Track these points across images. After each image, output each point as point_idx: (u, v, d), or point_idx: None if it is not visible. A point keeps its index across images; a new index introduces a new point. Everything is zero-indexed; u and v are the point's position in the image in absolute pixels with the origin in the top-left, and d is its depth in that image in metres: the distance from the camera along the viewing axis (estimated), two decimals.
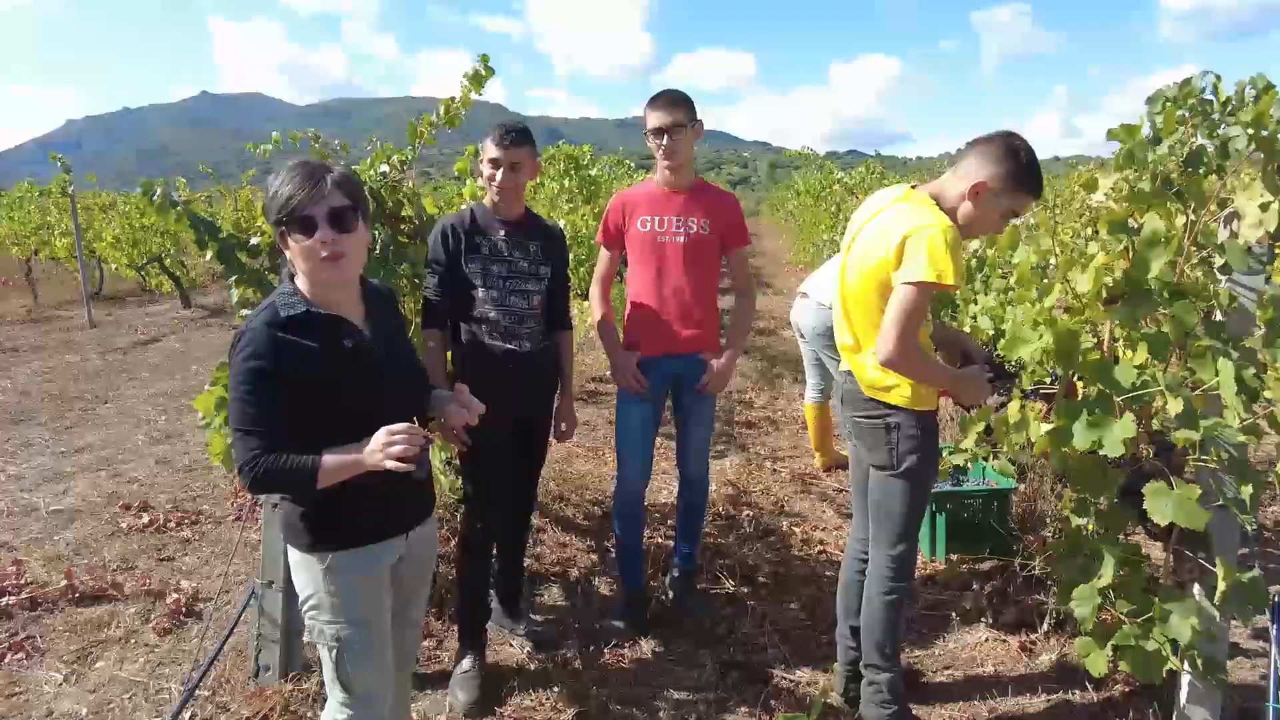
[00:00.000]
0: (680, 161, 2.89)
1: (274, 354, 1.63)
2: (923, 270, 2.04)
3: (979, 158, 2.19)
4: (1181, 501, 1.94)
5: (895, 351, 2.11)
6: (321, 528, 1.77)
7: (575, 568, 3.69)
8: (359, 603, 1.80)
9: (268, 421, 1.63)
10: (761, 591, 3.46)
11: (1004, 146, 2.17)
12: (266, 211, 1.71)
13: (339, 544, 1.78)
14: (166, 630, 3.19)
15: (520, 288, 2.75)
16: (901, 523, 2.35)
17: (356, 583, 1.80)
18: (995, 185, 2.17)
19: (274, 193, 1.67)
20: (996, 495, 3.58)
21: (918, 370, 2.20)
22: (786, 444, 5.48)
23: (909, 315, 2.09)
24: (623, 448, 3.10)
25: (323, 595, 1.78)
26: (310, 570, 1.78)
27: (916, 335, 2.13)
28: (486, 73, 3.25)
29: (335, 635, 1.79)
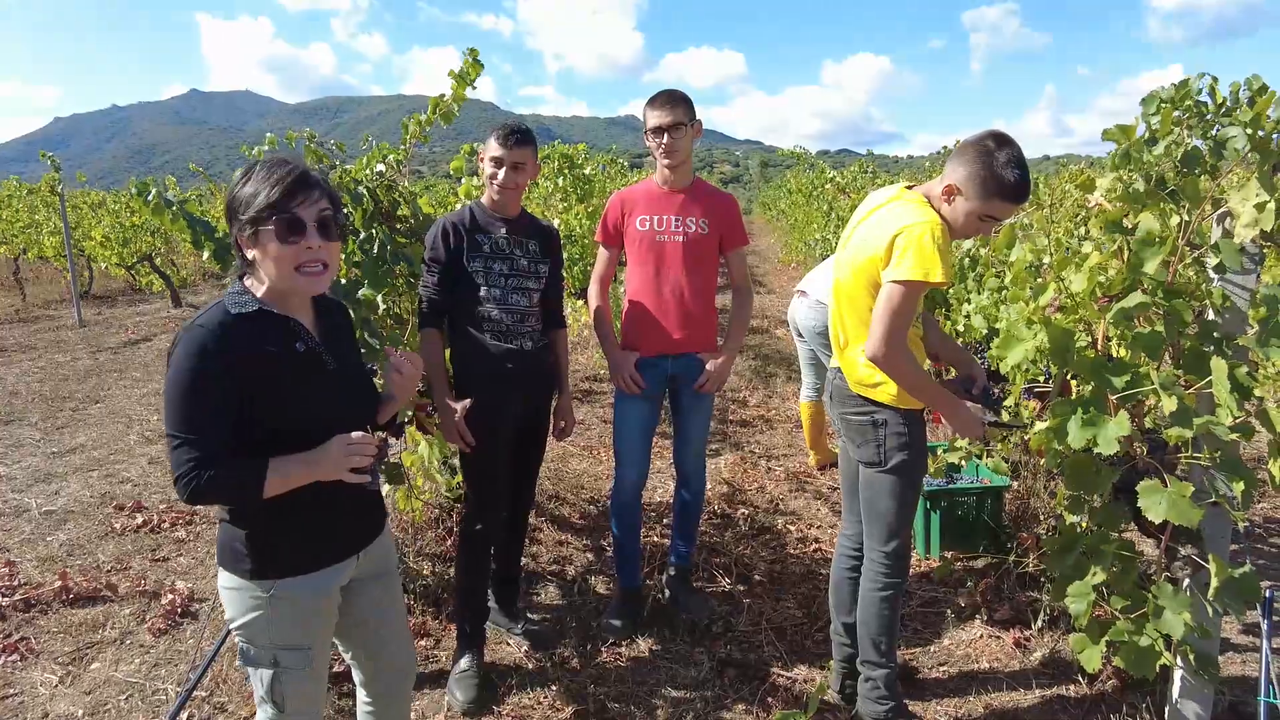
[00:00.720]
0: (680, 160, 2.90)
1: (220, 354, 1.52)
2: (910, 269, 2.05)
3: (957, 158, 2.17)
4: (1175, 499, 1.96)
5: (880, 348, 2.10)
6: (267, 553, 1.65)
7: (572, 566, 3.70)
8: (302, 628, 1.70)
9: (209, 428, 1.52)
10: (757, 589, 3.48)
11: (977, 149, 2.12)
12: (236, 208, 1.59)
13: (285, 571, 1.66)
14: (162, 631, 3.18)
15: (521, 286, 2.76)
16: (893, 519, 2.36)
17: (302, 609, 1.69)
18: (965, 188, 2.14)
19: (251, 190, 1.57)
20: (990, 493, 3.61)
21: (901, 370, 2.16)
22: (781, 442, 5.50)
23: (896, 313, 2.09)
24: (620, 447, 3.10)
25: (262, 622, 1.66)
26: (249, 596, 1.66)
27: (904, 334, 2.12)
28: (475, 69, 3.22)
29: (273, 659, 1.68)
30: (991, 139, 2.13)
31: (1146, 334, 2.20)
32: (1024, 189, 2.13)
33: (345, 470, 1.58)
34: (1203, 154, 2.09)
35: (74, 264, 10.75)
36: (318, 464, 1.58)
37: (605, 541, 3.90)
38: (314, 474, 1.59)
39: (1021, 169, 2.12)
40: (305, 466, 1.58)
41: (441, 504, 4.06)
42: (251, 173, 1.60)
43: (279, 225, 1.56)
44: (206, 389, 1.52)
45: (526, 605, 3.35)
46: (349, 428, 1.62)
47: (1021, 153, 2.14)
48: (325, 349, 1.71)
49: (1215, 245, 2.08)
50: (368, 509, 1.82)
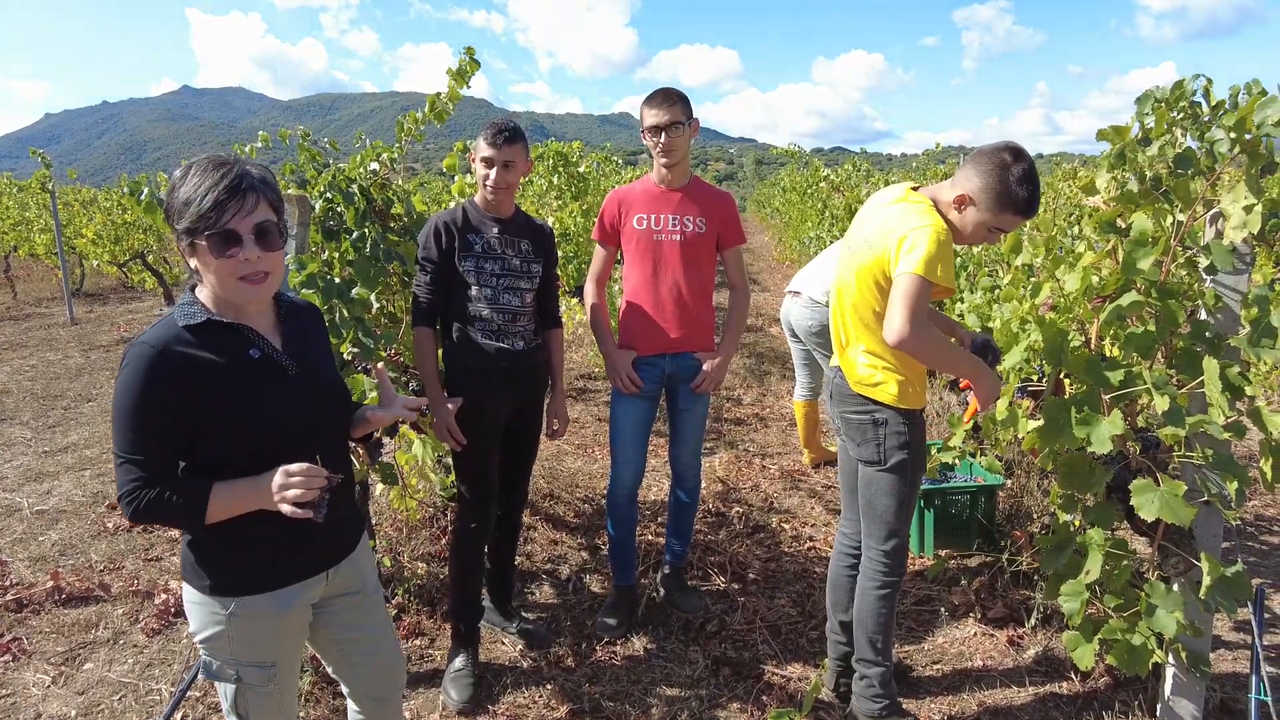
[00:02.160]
0: (678, 159, 2.90)
1: (166, 371, 1.46)
2: (919, 264, 2.05)
3: (972, 167, 2.16)
4: (1168, 498, 1.97)
5: (905, 331, 2.02)
6: (224, 571, 1.59)
7: (566, 565, 3.70)
8: (264, 646, 1.65)
9: (154, 447, 1.47)
10: (751, 588, 3.49)
11: (994, 161, 2.12)
12: (170, 214, 1.50)
13: (246, 589, 1.60)
14: (155, 631, 3.17)
15: (513, 285, 2.75)
16: (892, 518, 2.37)
17: (264, 627, 1.64)
18: (978, 199, 2.15)
19: (185, 197, 1.47)
20: (984, 491, 3.62)
21: (932, 349, 2.09)
22: (775, 441, 5.51)
23: (913, 298, 2.03)
24: (616, 446, 3.11)
25: (223, 638, 1.61)
26: (209, 611, 1.60)
27: (924, 316, 2.06)
28: (472, 67, 3.21)
29: (235, 675, 1.64)
30: (1008, 152, 2.12)
31: (1139, 333, 2.22)
32: (1035, 205, 2.14)
33: (284, 505, 1.48)
34: (1196, 155, 2.10)
35: (65, 261, 10.69)
36: (253, 493, 1.51)
37: (599, 540, 3.90)
38: (256, 502, 1.52)
39: (1034, 185, 2.12)
40: (249, 493, 1.51)
41: (435, 503, 4.06)
42: (186, 175, 1.50)
43: (212, 241, 1.47)
44: (150, 408, 1.46)
45: (521, 604, 3.35)
46: (311, 441, 1.57)
47: (1035, 168, 2.14)
48: (287, 354, 1.63)
49: (1207, 246, 2.09)
50: (339, 526, 1.74)
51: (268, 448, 1.54)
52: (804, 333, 4.40)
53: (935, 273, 2.06)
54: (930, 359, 2.15)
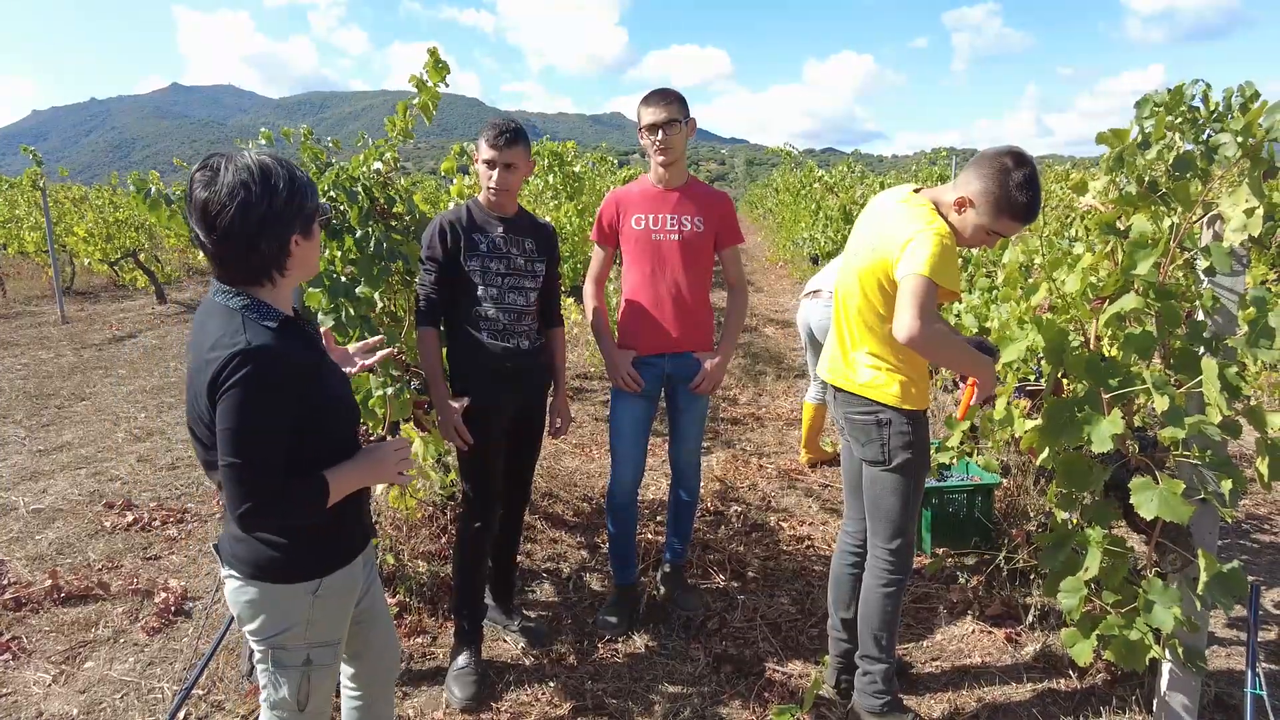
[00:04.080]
0: (674, 157, 2.92)
1: (281, 372, 1.48)
2: (924, 264, 2.06)
3: (973, 169, 2.18)
4: (1167, 496, 2.00)
5: (915, 327, 2.00)
6: (317, 554, 1.63)
7: (566, 564, 3.72)
8: (338, 621, 1.70)
9: (277, 452, 1.48)
10: (751, 586, 3.51)
11: (995, 165, 2.13)
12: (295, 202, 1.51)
13: (331, 566, 1.65)
14: (156, 629, 3.16)
15: (518, 285, 2.77)
16: (898, 517, 2.40)
17: (341, 602, 1.69)
18: (977, 202, 2.16)
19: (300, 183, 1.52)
20: (981, 490, 3.66)
21: (943, 345, 2.07)
22: (772, 440, 5.53)
23: (921, 296, 2.03)
24: (616, 445, 3.12)
25: (300, 624, 1.63)
26: (290, 601, 1.62)
27: (934, 313, 2.05)
28: (436, 74, 3.06)
29: (305, 658, 1.66)
30: (1010, 157, 2.13)
31: (1138, 334, 2.25)
32: (1034, 211, 2.15)
33: (397, 474, 1.64)
34: (1195, 158, 2.13)
35: (55, 259, 10.63)
36: (371, 470, 1.63)
37: (599, 539, 3.92)
38: (368, 480, 1.64)
39: (1035, 191, 2.13)
40: (359, 474, 1.61)
41: (435, 501, 4.07)
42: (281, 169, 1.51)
43: (319, 224, 1.59)
44: (275, 412, 1.47)
45: (522, 602, 3.36)
46: (357, 423, 1.66)
47: (1036, 174, 2.15)
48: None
49: (1206, 248, 2.12)
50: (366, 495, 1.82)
51: (349, 434, 1.63)
52: (824, 333, 4.41)
53: (941, 274, 2.08)
54: (942, 356, 2.17)
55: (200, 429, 1.54)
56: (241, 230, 1.45)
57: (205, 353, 1.45)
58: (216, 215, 1.44)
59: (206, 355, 1.45)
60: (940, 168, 13.26)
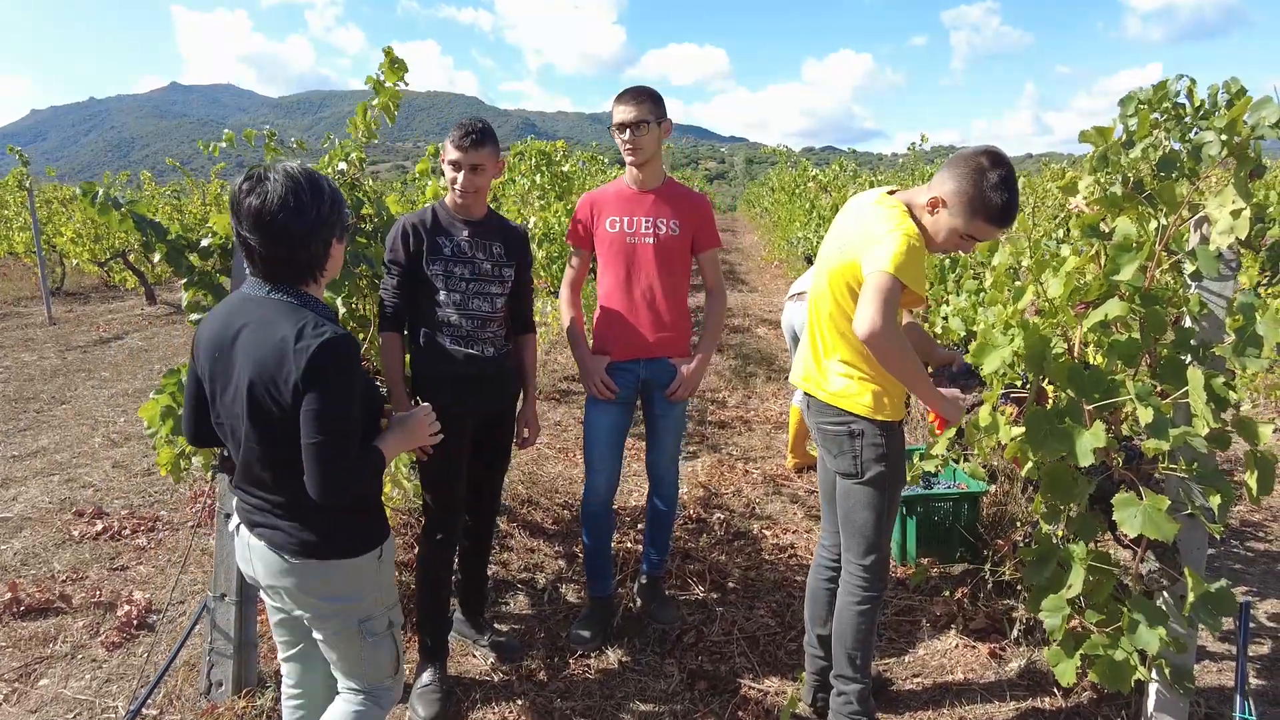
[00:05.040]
0: (645, 158, 2.83)
1: (359, 357, 1.70)
2: (888, 261, 1.97)
3: (948, 170, 2.08)
4: (1150, 513, 1.91)
5: (876, 322, 1.92)
6: (378, 519, 1.84)
7: (542, 574, 3.62)
8: (392, 580, 1.91)
9: (357, 427, 1.70)
10: (731, 597, 3.42)
11: (970, 165, 2.03)
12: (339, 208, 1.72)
13: (386, 530, 1.86)
14: (116, 645, 3.07)
15: (484, 290, 2.67)
16: (871, 532, 2.30)
17: (391, 561, 1.89)
18: (950, 203, 2.06)
19: (338, 192, 1.72)
20: (967, 498, 3.56)
21: (898, 354, 2.00)
22: (759, 444, 5.44)
23: (885, 292, 1.94)
24: (591, 453, 3.03)
25: (375, 589, 1.83)
26: (363, 571, 1.79)
27: (895, 314, 1.98)
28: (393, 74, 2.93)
29: (390, 619, 1.88)
30: (986, 157, 2.03)
31: (1124, 341, 2.16)
32: (1010, 215, 2.05)
33: (429, 437, 1.87)
34: (1180, 157, 2.03)
35: (43, 260, 10.53)
36: (408, 436, 1.83)
37: (578, 548, 3.83)
38: (406, 445, 1.84)
39: (1011, 193, 2.03)
40: (399, 440, 1.81)
41: (411, 509, 3.98)
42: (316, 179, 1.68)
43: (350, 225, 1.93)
44: (353, 394, 1.66)
45: (494, 615, 3.28)
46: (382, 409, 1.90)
47: (1014, 175, 2.05)
48: None
49: (1192, 252, 2.03)
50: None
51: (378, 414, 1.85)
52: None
53: (906, 273, 1.99)
54: (894, 365, 2.07)
55: (265, 421, 1.64)
56: (296, 233, 1.63)
57: (290, 342, 1.59)
58: (269, 220, 1.61)
59: (294, 346, 1.58)
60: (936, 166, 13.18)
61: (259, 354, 1.63)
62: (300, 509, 1.73)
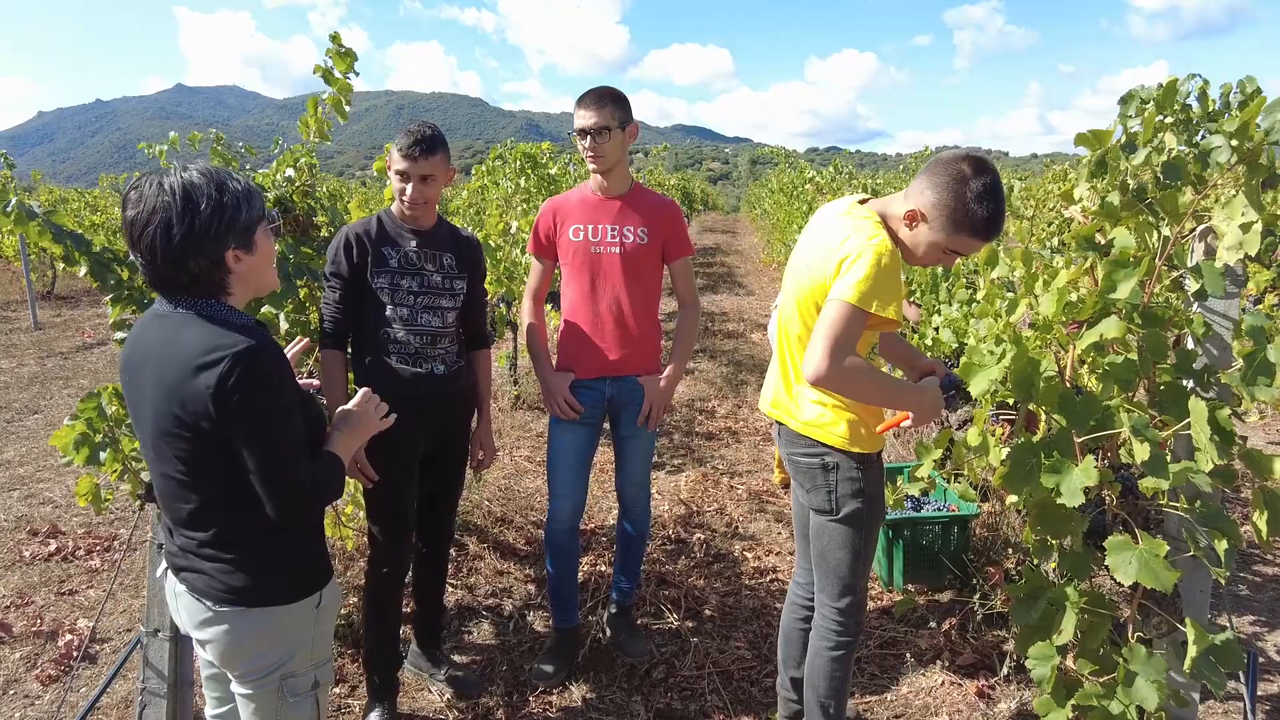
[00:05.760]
0: (608, 165, 2.64)
1: (283, 364, 1.53)
2: (851, 290, 1.79)
3: (926, 178, 1.88)
4: (1147, 559, 1.72)
5: (822, 366, 1.76)
6: (312, 564, 1.65)
7: (510, 600, 3.44)
8: (330, 633, 1.73)
9: (302, 439, 1.54)
10: (707, 626, 3.23)
11: (950, 174, 1.83)
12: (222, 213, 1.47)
13: (328, 574, 1.67)
14: (52, 678, 2.90)
15: (433, 304, 2.49)
16: (846, 572, 2.11)
17: (334, 611, 1.71)
18: (930, 216, 1.86)
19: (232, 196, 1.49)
20: (957, 521, 3.37)
21: (854, 385, 1.83)
22: (746, 457, 5.25)
23: (839, 327, 1.77)
24: (554, 477, 2.84)
25: (308, 641, 1.64)
26: (297, 621, 1.61)
27: (848, 351, 1.80)
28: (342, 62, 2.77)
29: (315, 679, 1.67)
30: (968, 164, 1.83)
31: (1120, 363, 1.97)
32: (995, 227, 1.85)
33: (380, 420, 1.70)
34: (1185, 163, 1.84)
35: (28, 264, 10.39)
36: (358, 428, 1.67)
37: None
38: (359, 437, 1.69)
39: (995, 203, 1.83)
40: (351, 436, 1.66)
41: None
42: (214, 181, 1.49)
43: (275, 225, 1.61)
44: (289, 404, 1.50)
45: (456, 645, 3.10)
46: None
47: (998, 182, 1.84)
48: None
49: (1197, 267, 1.84)
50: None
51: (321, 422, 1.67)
52: None
53: (871, 302, 1.79)
54: (858, 395, 1.89)
55: (181, 446, 1.48)
56: (164, 251, 1.44)
57: (195, 359, 1.43)
58: (139, 237, 1.45)
59: (199, 361, 1.42)
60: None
61: (164, 378, 1.47)
62: (225, 548, 1.55)
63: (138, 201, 1.45)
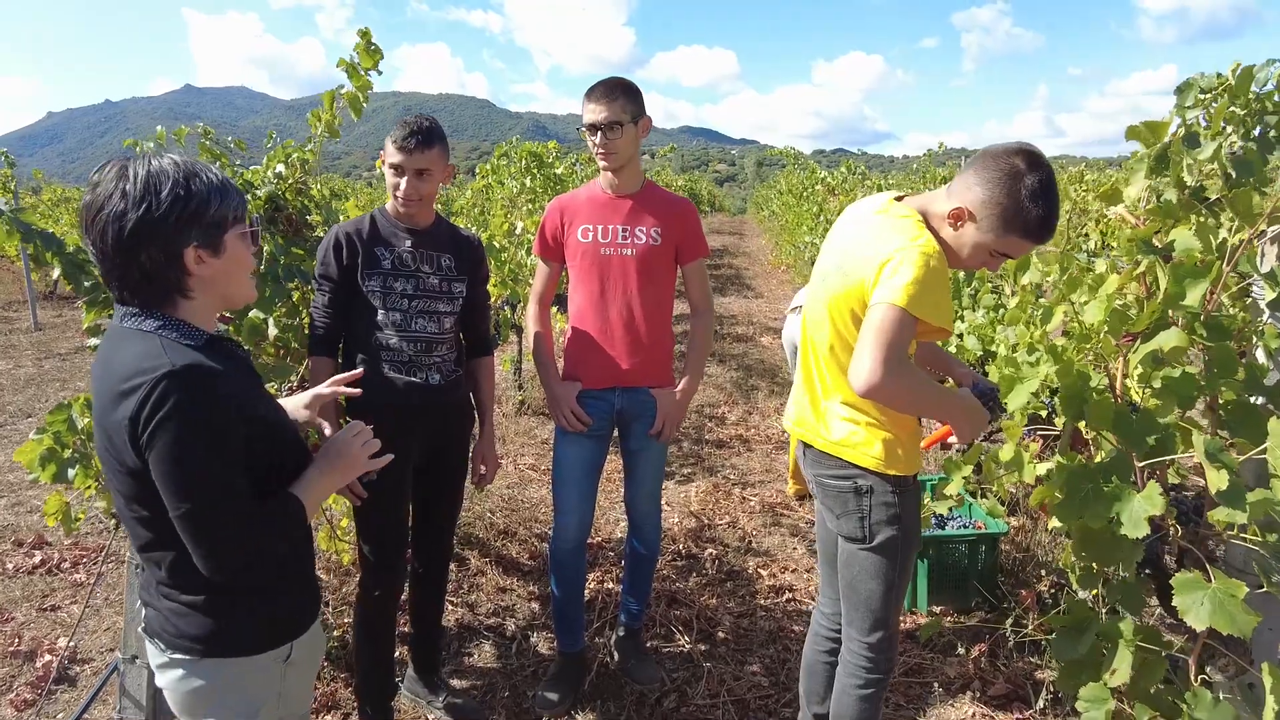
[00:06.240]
0: (620, 163, 2.47)
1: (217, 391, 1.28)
2: (899, 293, 1.61)
3: (975, 173, 1.72)
4: (1223, 601, 1.53)
5: (877, 374, 1.57)
6: (285, 609, 1.44)
7: (513, 619, 3.27)
8: (308, 687, 1.56)
9: (241, 480, 1.30)
10: (720, 649, 3.05)
11: (1003, 169, 1.66)
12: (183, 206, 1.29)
13: (305, 622, 1.46)
14: (28, 703, 2.74)
15: (429, 309, 2.33)
16: (878, 605, 1.93)
17: (309, 663, 1.52)
18: (979, 215, 1.70)
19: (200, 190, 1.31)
20: (985, 540, 3.18)
21: (907, 395, 1.65)
22: (759, 466, 5.07)
23: (890, 332, 1.60)
24: (559, 493, 2.67)
25: (274, 696, 1.44)
26: (267, 674, 1.42)
27: (900, 356, 1.62)
28: (366, 60, 2.67)
29: None
30: (1021, 157, 1.66)
31: (1179, 377, 1.79)
32: (1050, 228, 1.68)
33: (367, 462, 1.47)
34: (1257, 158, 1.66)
35: (28, 264, 10.27)
36: (339, 467, 1.44)
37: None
38: (340, 479, 1.45)
39: (1050, 202, 1.66)
40: (328, 476, 1.43)
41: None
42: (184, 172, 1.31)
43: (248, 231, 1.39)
44: (219, 437, 1.27)
45: (455, 669, 2.93)
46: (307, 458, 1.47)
47: (1053, 178, 1.67)
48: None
49: (1271, 274, 1.66)
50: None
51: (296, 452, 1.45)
52: None
53: (921, 305, 1.62)
54: (911, 407, 1.73)
55: (119, 478, 1.31)
56: (115, 241, 1.27)
57: (119, 384, 1.25)
58: (90, 223, 1.29)
59: (121, 387, 1.25)
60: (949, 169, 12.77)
61: (97, 403, 1.32)
62: (182, 589, 1.37)
63: (96, 184, 1.30)
